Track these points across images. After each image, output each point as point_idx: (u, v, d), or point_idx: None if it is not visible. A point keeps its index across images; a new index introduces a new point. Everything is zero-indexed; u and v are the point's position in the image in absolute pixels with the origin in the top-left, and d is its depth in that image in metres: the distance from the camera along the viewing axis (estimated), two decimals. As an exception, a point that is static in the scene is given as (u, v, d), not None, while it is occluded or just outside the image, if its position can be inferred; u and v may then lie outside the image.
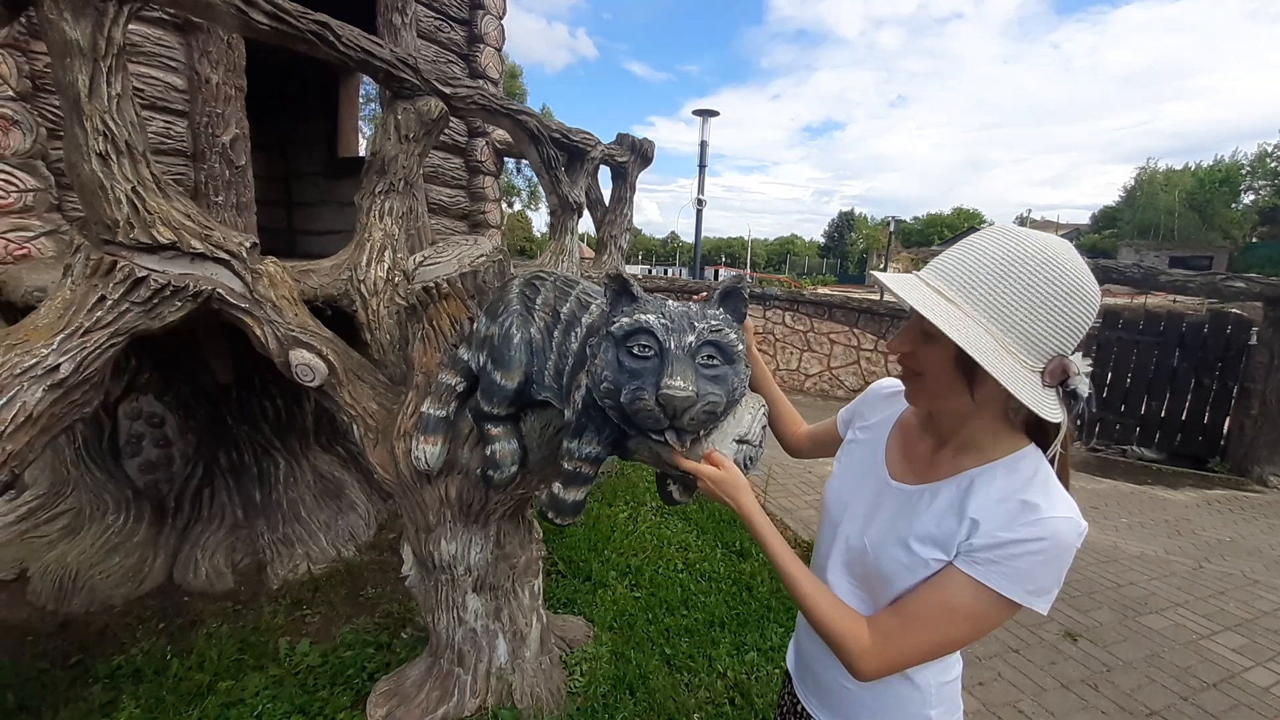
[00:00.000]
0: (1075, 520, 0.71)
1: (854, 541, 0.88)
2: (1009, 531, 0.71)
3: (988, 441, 0.78)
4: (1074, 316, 0.69)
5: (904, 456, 0.89)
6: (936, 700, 0.88)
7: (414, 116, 1.79)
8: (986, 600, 0.72)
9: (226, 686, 1.95)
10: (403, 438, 1.58)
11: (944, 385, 0.75)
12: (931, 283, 0.73)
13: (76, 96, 1.15)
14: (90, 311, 1.22)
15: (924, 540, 0.78)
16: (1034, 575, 0.70)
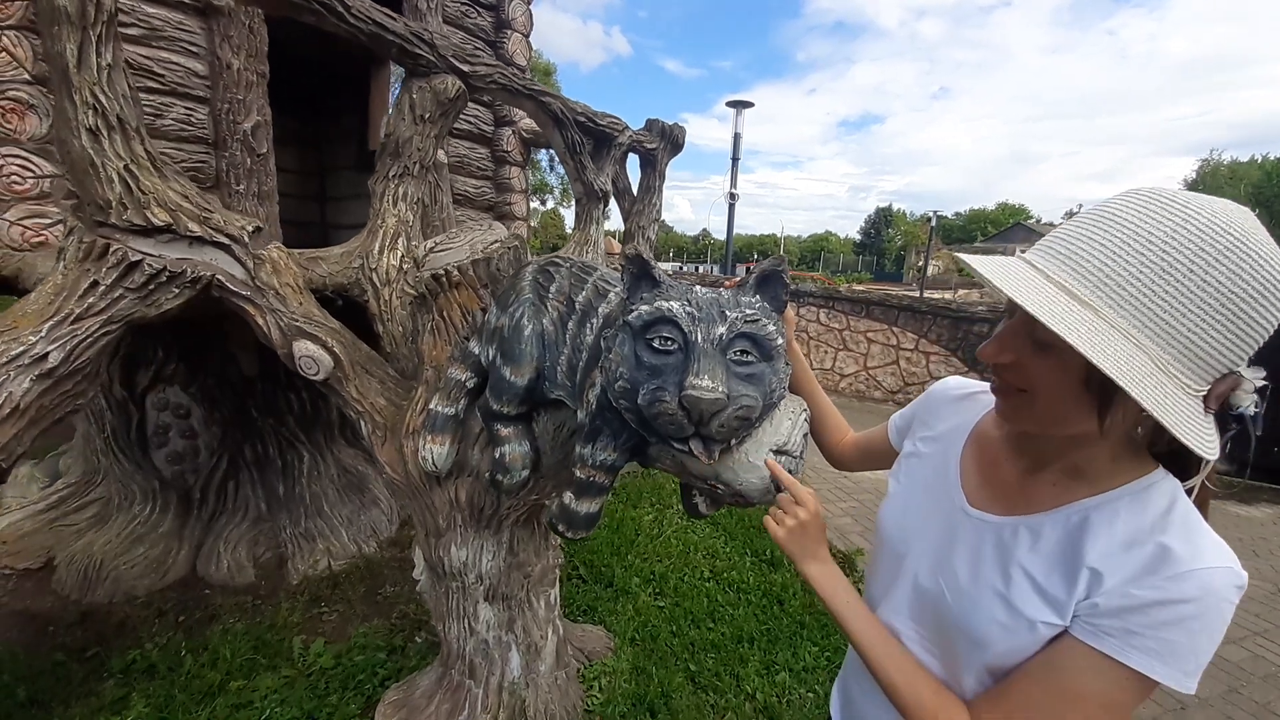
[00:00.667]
0: (1234, 571, 0.53)
1: (925, 583, 0.72)
2: (1146, 589, 0.53)
3: (1109, 468, 0.61)
4: (1265, 319, 0.50)
5: (985, 478, 0.72)
6: None
7: (430, 95, 1.69)
8: (1122, 682, 0.54)
9: (238, 686, 1.91)
10: (411, 436, 1.48)
11: (1063, 408, 0.57)
12: (1055, 275, 0.54)
13: (65, 67, 1.08)
14: (81, 298, 1.15)
15: (1027, 595, 0.61)
16: (1187, 649, 0.52)
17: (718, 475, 0.93)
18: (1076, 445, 0.61)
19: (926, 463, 0.81)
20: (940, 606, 0.69)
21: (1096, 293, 0.52)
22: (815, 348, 7.14)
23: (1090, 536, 0.58)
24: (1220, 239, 0.49)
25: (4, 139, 1.77)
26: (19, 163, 1.78)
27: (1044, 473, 0.65)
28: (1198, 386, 0.52)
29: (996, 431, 0.74)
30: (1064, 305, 0.52)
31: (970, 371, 6.28)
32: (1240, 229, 0.49)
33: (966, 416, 0.80)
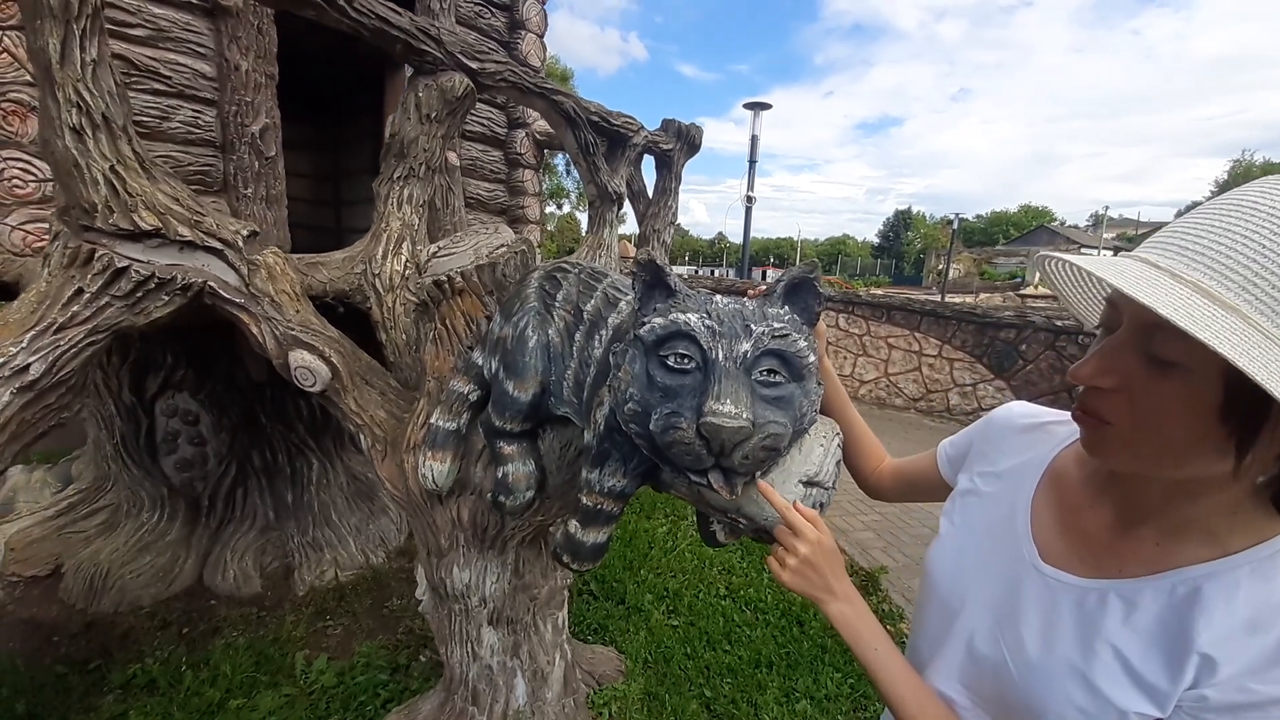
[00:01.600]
0: None
1: (984, 649, 0.61)
2: (1272, 683, 0.43)
3: (1223, 525, 0.49)
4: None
5: (1064, 529, 0.61)
6: None
7: (436, 94, 1.62)
8: None
9: (237, 705, 1.85)
10: (412, 451, 1.40)
11: (1185, 444, 0.46)
12: (1187, 275, 0.43)
13: (47, 63, 1.02)
14: (65, 306, 1.09)
15: (1116, 678, 0.50)
16: None
17: (739, 509, 0.82)
18: (1190, 494, 0.50)
19: (989, 504, 0.70)
20: (1002, 678, 0.59)
21: (1243, 295, 0.41)
22: (834, 353, 6.98)
23: (1203, 613, 0.47)
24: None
25: (5, 142, 1.74)
26: (21, 166, 1.75)
27: (1143, 528, 0.54)
28: None
29: (1079, 472, 0.62)
30: (1203, 309, 0.41)
31: (998, 378, 6.08)
32: None
33: (1039, 451, 0.68)
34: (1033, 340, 5.82)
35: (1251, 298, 0.41)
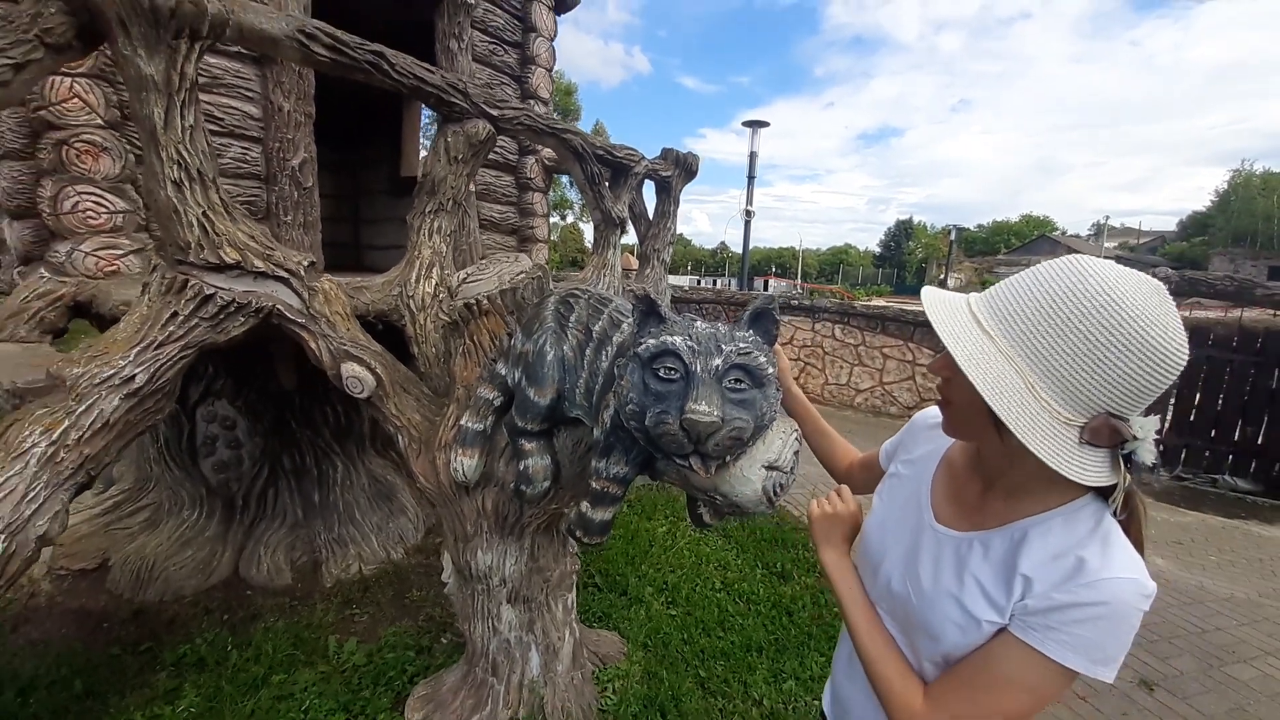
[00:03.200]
0: (1140, 581, 0.63)
1: (896, 587, 0.83)
2: (1064, 593, 0.64)
3: (1041, 488, 0.71)
4: (1131, 372, 0.59)
5: (951, 498, 0.83)
6: None
7: (463, 139, 1.86)
8: (1044, 670, 0.65)
9: (279, 680, 2.06)
10: (443, 449, 1.62)
11: (971, 420, 0.70)
12: (975, 310, 0.67)
13: (153, 128, 1.26)
14: (164, 326, 1.32)
15: (977, 599, 0.72)
16: (1095, 643, 0.63)
17: (716, 487, 1.05)
18: (1010, 463, 0.72)
19: (905, 483, 0.92)
20: (908, 607, 0.80)
21: (999, 326, 0.64)
22: (831, 363, 7.19)
23: (1027, 550, 0.69)
24: (1103, 297, 0.59)
25: (80, 178, 1.98)
26: (93, 199, 1.99)
27: (994, 490, 0.76)
28: (1070, 415, 0.62)
29: (962, 457, 0.85)
30: (967, 331, 0.65)
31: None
32: (1124, 295, 0.59)
33: (940, 443, 0.90)
34: (1021, 350, 6.03)
35: (1002, 327, 0.64)
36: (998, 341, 0.64)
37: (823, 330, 7.18)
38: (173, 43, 1.22)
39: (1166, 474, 5.41)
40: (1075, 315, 0.60)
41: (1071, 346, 0.60)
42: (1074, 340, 0.60)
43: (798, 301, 7.51)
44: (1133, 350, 0.59)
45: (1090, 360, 0.60)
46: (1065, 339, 0.60)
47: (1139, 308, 0.59)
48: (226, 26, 1.28)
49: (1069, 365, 0.61)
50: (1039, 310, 0.62)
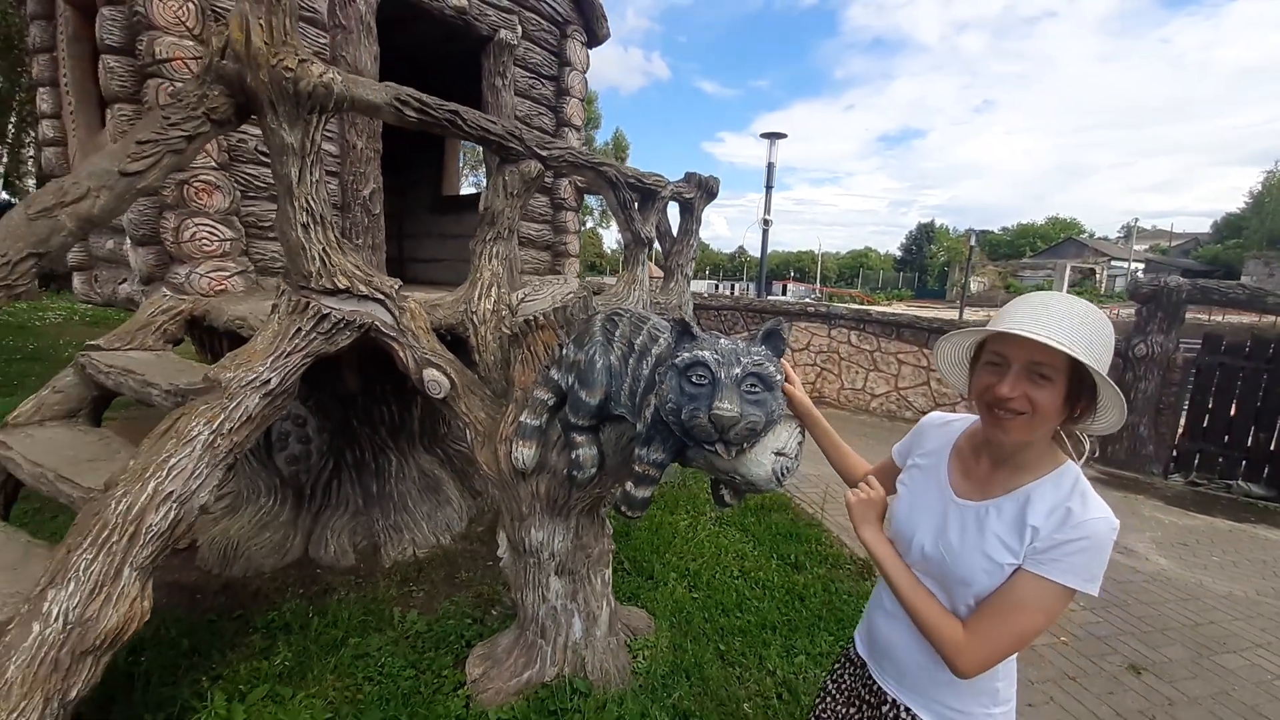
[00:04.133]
0: (1108, 520, 0.90)
1: (929, 551, 1.05)
2: (1061, 534, 0.90)
3: (1039, 461, 0.97)
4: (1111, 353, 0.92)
5: (964, 477, 1.07)
6: (1003, 673, 1.06)
7: (518, 177, 2.17)
8: (1051, 591, 0.91)
9: (355, 642, 2.38)
10: (504, 441, 1.93)
11: (1051, 419, 0.92)
12: (1054, 337, 0.86)
13: (289, 183, 1.59)
14: (291, 339, 1.66)
15: (998, 548, 0.96)
16: (1085, 566, 0.89)
17: (735, 469, 1.33)
18: (1030, 446, 0.97)
19: (925, 472, 1.15)
20: (944, 566, 1.03)
21: (1075, 342, 0.86)
22: (846, 368, 7.38)
23: (1031, 508, 0.95)
24: (1099, 314, 0.90)
25: (197, 212, 2.34)
26: (208, 230, 2.35)
27: (1002, 468, 1.01)
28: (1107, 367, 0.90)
29: (969, 445, 1.09)
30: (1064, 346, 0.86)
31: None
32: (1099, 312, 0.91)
33: (950, 436, 1.15)
34: (1034, 356, 6.16)
35: (1078, 343, 0.86)
36: (1079, 352, 0.86)
37: (838, 336, 7.38)
38: (307, 117, 1.55)
39: (1181, 479, 5.51)
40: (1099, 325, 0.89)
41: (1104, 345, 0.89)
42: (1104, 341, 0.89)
43: (814, 309, 7.72)
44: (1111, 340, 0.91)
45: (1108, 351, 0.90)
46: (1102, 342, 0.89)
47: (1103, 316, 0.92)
48: (346, 101, 1.61)
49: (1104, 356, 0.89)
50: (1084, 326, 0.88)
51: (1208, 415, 5.41)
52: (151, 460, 1.44)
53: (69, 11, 3.11)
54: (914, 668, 1.10)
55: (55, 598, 1.33)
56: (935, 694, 1.07)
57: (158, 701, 2.02)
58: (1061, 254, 38.45)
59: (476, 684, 2.11)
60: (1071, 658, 2.69)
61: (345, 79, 1.58)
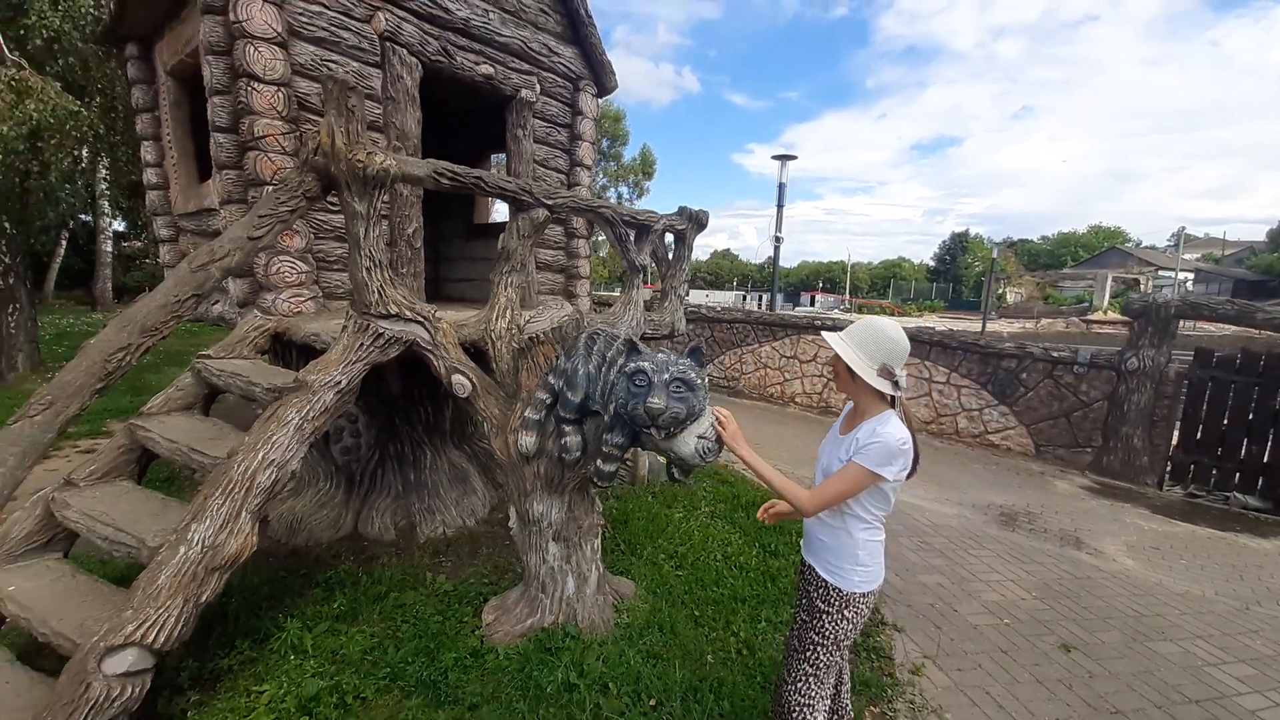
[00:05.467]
0: (896, 435, 1.50)
1: (824, 463, 1.71)
2: (865, 440, 1.54)
3: (870, 407, 1.59)
4: (880, 349, 1.55)
5: (843, 425, 1.72)
6: (862, 546, 1.67)
7: (529, 222, 2.73)
8: (856, 469, 1.56)
9: (395, 596, 2.94)
10: (513, 432, 2.46)
11: (845, 381, 1.64)
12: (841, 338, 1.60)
13: (357, 238, 2.18)
14: (356, 351, 2.24)
15: (843, 454, 1.59)
16: (875, 456, 1.53)
17: (670, 448, 1.82)
18: (860, 398, 1.58)
19: (831, 429, 1.77)
20: (828, 470, 1.64)
21: (850, 344, 1.51)
22: (852, 379, 7.70)
23: (860, 431, 1.55)
24: (872, 324, 1.49)
25: (281, 251, 2.97)
26: (289, 265, 2.98)
27: (857, 416, 1.61)
28: (872, 364, 1.49)
29: (852, 411, 1.70)
30: (842, 345, 1.51)
31: (1002, 404, 6.65)
32: (874, 324, 1.56)
33: (846, 410, 1.76)
34: (1032, 369, 6.40)
35: (853, 344, 1.51)
36: (850, 346, 1.51)
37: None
38: (371, 192, 2.13)
39: (1180, 491, 5.66)
40: (869, 330, 1.49)
41: (870, 342, 1.49)
42: (869, 340, 1.49)
43: (820, 321, 8.07)
44: (881, 342, 1.49)
45: (874, 345, 1.50)
46: (867, 339, 1.49)
47: (886, 325, 1.50)
48: (399, 177, 2.19)
49: (870, 348, 1.49)
50: (863, 333, 1.51)
51: (1200, 428, 5.56)
52: (260, 437, 2.03)
53: (170, 81, 3.86)
54: (814, 541, 1.79)
55: (196, 529, 1.92)
56: (823, 554, 1.74)
57: (246, 630, 2.61)
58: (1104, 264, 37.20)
59: (489, 628, 2.64)
60: (1009, 635, 3.04)
61: (398, 162, 2.17)
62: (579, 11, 4.07)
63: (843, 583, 1.70)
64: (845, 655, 1.89)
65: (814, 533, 1.79)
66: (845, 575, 1.69)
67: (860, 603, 1.72)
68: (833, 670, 1.81)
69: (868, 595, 1.72)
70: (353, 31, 3.06)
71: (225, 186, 2.94)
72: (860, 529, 1.66)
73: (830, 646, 1.75)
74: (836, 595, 1.71)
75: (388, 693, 2.31)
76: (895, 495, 1.68)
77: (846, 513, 1.66)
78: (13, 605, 2.07)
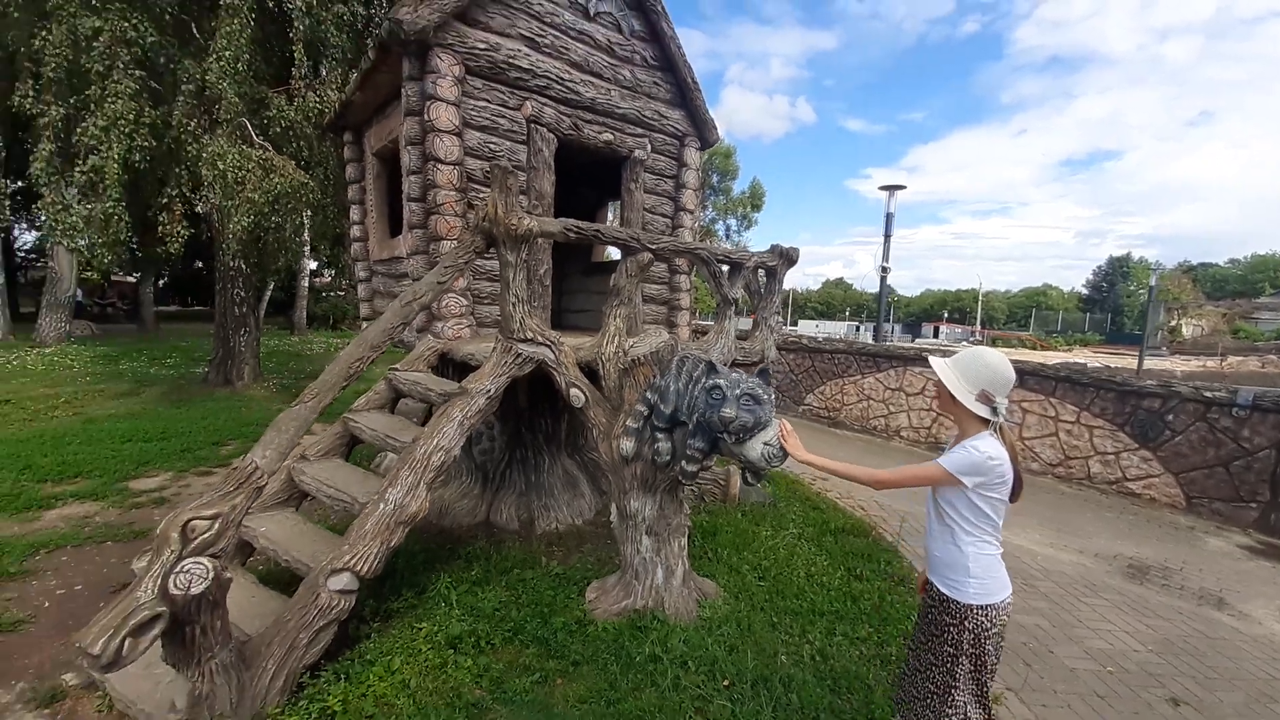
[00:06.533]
0: (986, 452, 1.72)
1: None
2: (954, 448, 1.81)
3: (970, 431, 1.82)
4: (982, 377, 1.77)
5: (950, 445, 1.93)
6: (973, 560, 1.81)
7: (635, 264, 3.29)
8: (936, 466, 1.78)
9: (516, 572, 3.55)
10: (616, 438, 2.98)
11: (948, 403, 1.86)
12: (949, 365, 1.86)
13: (508, 280, 2.86)
14: (501, 367, 2.90)
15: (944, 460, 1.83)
16: (958, 461, 1.75)
17: (740, 453, 2.21)
18: (961, 421, 1.85)
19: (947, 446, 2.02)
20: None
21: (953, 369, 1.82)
22: (965, 415, 7.36)
23: (959, 448, 1.80)
24: (977, 352, 1.79)
25: (449, 290, 3.80)
26: (454, 301, 3.81)
27: (961, 436, 1.86)
28: (975, 392, 1.78)
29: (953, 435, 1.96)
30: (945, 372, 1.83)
31: (1143, 448, 6.03)
32: (977, 354, 1.83)
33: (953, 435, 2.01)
34: (1180, 411, 5.77)
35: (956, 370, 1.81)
36: (952, 371, 1.81)
37: (956, 383, 7.41)
38: (520, 246, 2.81)
39: None
40: (972, 361, 1.78)
41: (971, 365, 1.78)
42: (970, 362, 1.78)
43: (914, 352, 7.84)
44: (984, 371, 1.76)
45: (975, 373, 1.77)
46: (968, 362, 1.78)
47: (989, 355, 1.77)
48: (540, 234, 2.86)
49: (971, 372, 1.77)
50: (963, 363, 1.80)
51: None
52: (435, 428, 2.73)
53: (375, 161, 5.04)
54: (932, 559, 1.95)
55: (390, 493, 2.64)
56: (940, 570, 1.90)
57: (409, 584, 3.35)
58: (1326, 292, 30.37)
59: (591, 604, 3.13)
60: (1109, 682, 2.93)
61: (540, 223, 2.84)
62: (686, 80, 4.68)
63: (959, 595, 1.81)
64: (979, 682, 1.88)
65: (931, 550, 1.94)
66: (960, 588, 1.81)
67: (979, 615, 1.81)
68: (960, 687, 1.86)
69: (987, 609, 1.81)
70: (507, 118, 3.90)
71: (413, 241, 3.87)
72: (967, 541, 1.80)
73: (953, 660, 1.85)
74: (955, 608, 1.83)
75: (510, 643, 2.88)
76: (998, 514, 1.80)
77: (949, 520, 1.83)
78: (264, 540, 2.94)
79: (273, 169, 6.54)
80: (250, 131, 6.55)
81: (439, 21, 3.37)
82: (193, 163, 6.49)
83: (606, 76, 4.36)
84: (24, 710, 2.40)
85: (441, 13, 3.38)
